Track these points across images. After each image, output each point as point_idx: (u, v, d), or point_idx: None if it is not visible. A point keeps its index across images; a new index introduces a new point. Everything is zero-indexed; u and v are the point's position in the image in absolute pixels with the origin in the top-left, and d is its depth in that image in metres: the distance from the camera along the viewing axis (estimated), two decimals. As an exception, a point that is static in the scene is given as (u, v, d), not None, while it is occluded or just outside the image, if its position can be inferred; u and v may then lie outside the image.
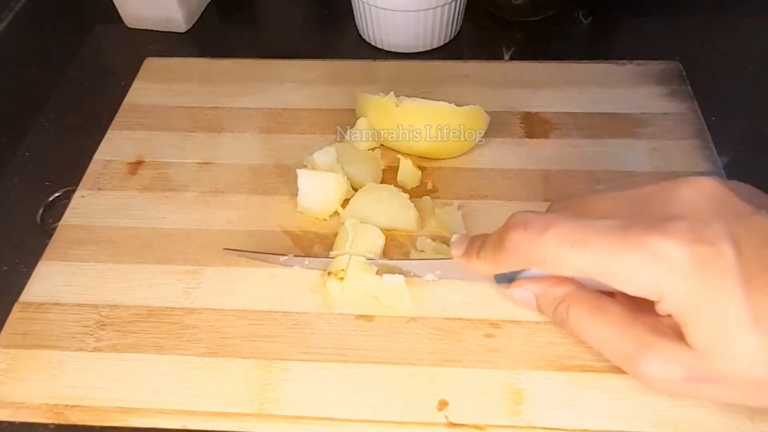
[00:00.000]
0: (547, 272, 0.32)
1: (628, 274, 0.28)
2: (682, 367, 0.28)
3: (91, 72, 0.57)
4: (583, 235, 0.29)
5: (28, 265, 0.41)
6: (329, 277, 0.38)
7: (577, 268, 0.29)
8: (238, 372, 0.35)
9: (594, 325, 0.31)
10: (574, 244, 0.29)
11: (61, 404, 0.35)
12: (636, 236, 0.28)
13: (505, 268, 0.33)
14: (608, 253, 0.28)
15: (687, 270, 0.27)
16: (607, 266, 0.28)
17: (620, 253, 0.28)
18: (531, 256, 0.30)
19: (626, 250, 0.28)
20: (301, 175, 0.42)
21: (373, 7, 0.53)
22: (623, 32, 0.59)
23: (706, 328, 0.27)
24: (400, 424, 0.33)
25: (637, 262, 0.28)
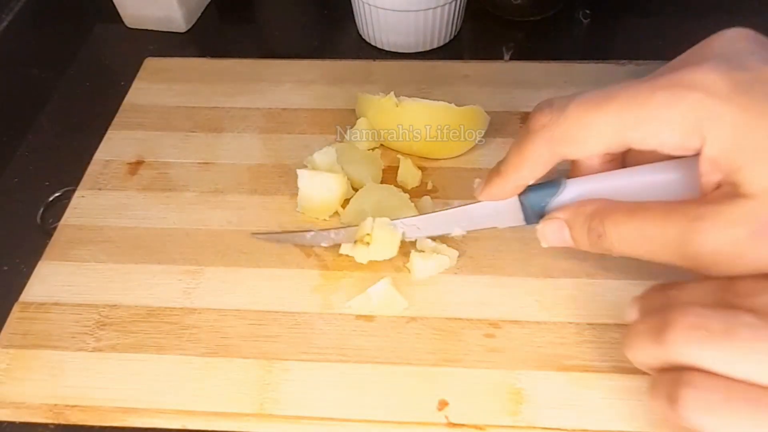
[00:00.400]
0: (575, 157, 0.30)
1: (660, 114, 0.25)
2: (743, 224, 0.25)
3: (91, 72, 0.57)
4: (608, 93, 0.27)
5: (28, 265, 0.41)
6: (356, 246, 0.38)
7: (606, 130, 0.27)
8: (238, 372, 0.35)
9: (634, 224, 0.28)
10: (599, 104, 0.27)
11: (61, 404, 0.35)
12: (665, 78, 0.26)
13: (532, 162, 0.30)
14: (636, 101, 0.26)
15: (728, 95, 0.24)
16: (635, 115, 0.26)
17: (650, 95, 0.26)
18: (557, 133, 0.28)
19: (657, 90, 0.26)
20: (301, 175, 0.42)
21: (373, 7, 0.53)
22: (623, 32, 0.59)
23: (761, 162, 0.24)
24: (400, 424, 0.33)
25: (669, 98, 0.25)
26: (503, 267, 0.39)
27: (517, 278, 0.39)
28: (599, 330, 0.36)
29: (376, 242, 0.38)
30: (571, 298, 0.38)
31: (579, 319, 0.37)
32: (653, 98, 0.26)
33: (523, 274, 0.39)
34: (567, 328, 0.37)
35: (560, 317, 0.37)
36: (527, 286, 0.38)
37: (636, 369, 0.35)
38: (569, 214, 0.31)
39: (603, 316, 0.37)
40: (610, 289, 0.38)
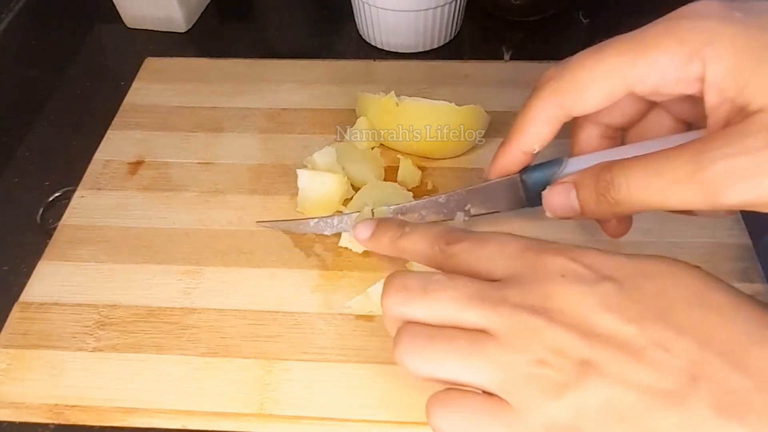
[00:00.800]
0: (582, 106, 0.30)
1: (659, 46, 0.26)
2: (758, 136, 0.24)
3: (91, 72, 0.57)
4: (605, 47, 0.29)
5: (28, 265, 0.41)
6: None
7: (607, 73, 0.28)
8: (238, 372, 0.35)
9: (645, 166, 0.28)
10: (600, 49, 0.29)
11: (61, 404, 0.35)
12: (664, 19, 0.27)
13: (538, 121, 0.32)
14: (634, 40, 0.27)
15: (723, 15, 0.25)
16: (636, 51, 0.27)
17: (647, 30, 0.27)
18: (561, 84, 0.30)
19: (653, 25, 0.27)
20: (301, 175, 0.42)
21: (373, 7, 0.53)
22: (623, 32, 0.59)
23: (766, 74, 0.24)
24: (400, 424, 0.33)
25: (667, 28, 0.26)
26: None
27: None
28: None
29: None
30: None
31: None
32: (650, 32, 0.27)
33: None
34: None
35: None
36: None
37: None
38: (576, 175, 0.32)
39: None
40: (610, 289, 0.38)
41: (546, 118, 0.31)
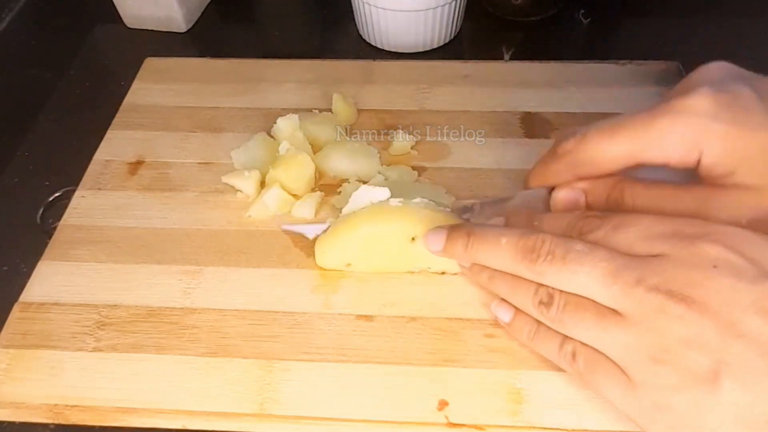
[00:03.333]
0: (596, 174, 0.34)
1: (663, 137, 0.30)
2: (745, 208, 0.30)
3: (91, 72, 0.57)
4: (618, 125, 0.32)
5: (28, 265, 0.41)
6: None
7: (620, 153, 0.31)
8: (238, 372, 0.35)
9: (652, 194, 0.32)
10: (612, 133, 0.32)
11: (61, 404, 0.35)
12: (663, 107, 0.30)
13: (555, 179, 0.35)
14: (642, 128, 0.30)
15: (715, 113, 0.29)
16: (643, 140, 0.30)
17: (651, 122, 0.30)
18: (578, 156, 0.33)
19: (656, 118, 0.30)
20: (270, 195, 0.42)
21: (373, 7, 0.53)
22: (623, 32, 0.59)
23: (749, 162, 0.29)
24: (400, 424, 0.33)
25: (669, 123, 0.30)
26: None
27: (517, 278, 0.39)
28: (599, 330, 0.36)
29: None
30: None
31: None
32: (655, 124, 0.30)
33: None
34: (567, 328, 0.37)
35: (560, 317, 0.37)
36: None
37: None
38: (589, 183, 0.34)
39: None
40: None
41: (563, 177, 0.35)
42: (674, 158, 0.30)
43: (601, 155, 0.32)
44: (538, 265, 0.30)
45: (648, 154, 0.31)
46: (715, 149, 0.29)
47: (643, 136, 0.30)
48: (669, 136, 0.30)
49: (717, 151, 0.29)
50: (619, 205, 0.33)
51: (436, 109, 0.49)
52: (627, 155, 0.31)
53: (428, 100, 0.50)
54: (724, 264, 0.26)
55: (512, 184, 0.44)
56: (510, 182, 0.44)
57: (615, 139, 0.32)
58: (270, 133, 0.46)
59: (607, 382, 0.29)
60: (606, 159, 0.32)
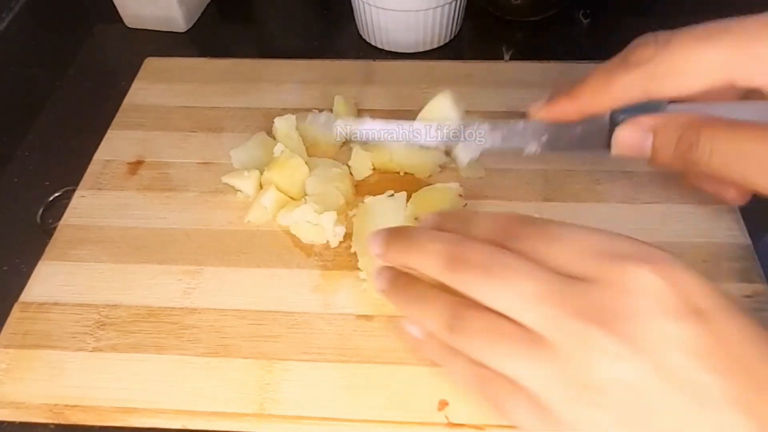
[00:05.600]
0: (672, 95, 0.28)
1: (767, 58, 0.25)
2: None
3: (91, 72, 0.57)
4: (711, 32, 0.26)
5: (28, 265, 0.41)
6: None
7: (710, 69, 0.26)
8: (238, 372, 0.35)
9: (736, 139, 0.26)
10: (709, 37, 0.26)
11: (61, 404, 0.35)
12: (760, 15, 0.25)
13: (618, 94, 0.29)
14: (742, 41, 0.25)
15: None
16: (743, 56, 0.25)
17: (755, 39, 0.25)
18: (656, 67, 0.27)
19: (760, 34, 0.25)
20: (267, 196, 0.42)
21: (373, 7, 0.53)
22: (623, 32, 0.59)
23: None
24: (400, 424, 0.33)
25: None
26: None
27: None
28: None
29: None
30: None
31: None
32: (765, 32, 0.25)
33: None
34: (567, 328, 0.36)
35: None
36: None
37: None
38: (658, 119, 0.29)
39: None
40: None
41: (630, 92, 0.29)
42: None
43: (690, 66, 0.27)
44: (462, 274, 0.27)
45: (750, 69, 0.26)
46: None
47: (749, 44, 0.25)
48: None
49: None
50: (692, 149, 0.27)
51: (436, 109, 0.49)
52: (722, 68, 0.26)
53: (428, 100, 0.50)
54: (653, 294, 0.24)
55: (512, 184, 0.44)
56: (509, 182, 0.44)
57: (711, 44, 0.26)
58: (270, 133, 0.46)
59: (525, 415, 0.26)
60: (695, 71, 0.27)
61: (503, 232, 0.28)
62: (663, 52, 0.28)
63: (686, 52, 0.27)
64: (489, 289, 0.26)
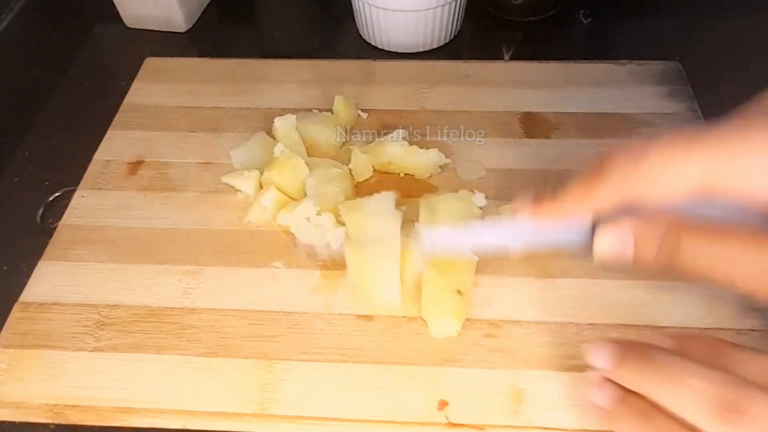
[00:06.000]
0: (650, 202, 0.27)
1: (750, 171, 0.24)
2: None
3: (91, 72, 0.57)
4: (690, 142, 0.25)
5: (28, 265, 0.41)
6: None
7: (689, 180, 0.25)
8: (238, 372, 0.35)
9: (716, 246, 0.26)
10: (682, 152, 0.25)
11: (61, 404, 0.35)
12: (752, 131, 0.24)
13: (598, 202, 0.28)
14: (724, 152, 0.24)
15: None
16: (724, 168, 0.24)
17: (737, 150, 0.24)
18: (634, 179, 0.26)
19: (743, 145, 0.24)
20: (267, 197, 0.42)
21: (373, 7, 0.53)
22: (623, 32, 0.59)
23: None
24: (400, 424, 0.33)
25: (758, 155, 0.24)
26: (503, 267, 0.39)
27: (517, 278, 0.39)
28: (599, 330, 0.36)
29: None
30: (571, 298, 0.38)
31: (579, 319, 0.37)
32: (748, 140, 0.24)
33: (523, 274, 0.39)
34: (567, 328, 0.37)
35: (560, 317, 0.37)
36: (527, 286, 0.38)
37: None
38: (638, 224, 0.28)
39: (603, 316, 0.37)
40: (610, 289, 0.38)
41: (609, 200, 0.28)
42: (758, 196, 0.24)
43: (666, 178, 0.25)
44: (740, 429, 0.23)
45: (730, 180, 0.24)
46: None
47: (730, 152, 0.24)
48: (758, 168, 0.24)
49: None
50: (674, 255, 0.27)
51: (436, 109, 0.49)
52: (701, 179, 0.25)
53: (428, 100, 0.50)
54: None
55: (512, 184, 0.44)
56: (509, 182, 0.44)
57: (690, 152, 0.25)
58: (270, 133, 0.46)
59: None
60: (672, 183, 0.26)
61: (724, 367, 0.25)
62: (639, 164, 0.27)
63: (662, 163, 0.26)
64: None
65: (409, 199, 0.43)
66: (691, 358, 0.26)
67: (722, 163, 0.25)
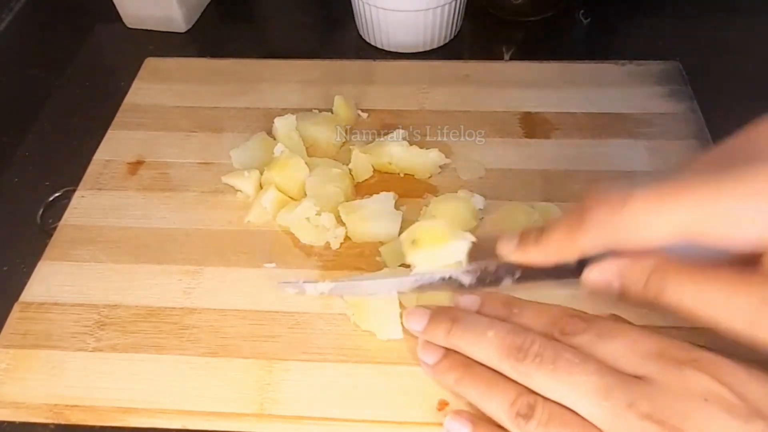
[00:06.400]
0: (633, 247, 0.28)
1: (732, 218, 0.25)
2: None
3: (91, 72, 0.57)
4: (670, 192, 0.26)
5: (28, 265, 0.41)
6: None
7: (670, 229, 0.26)
8: (238, 372, 0.35)
9: (700, 288, 0.27)
10: (662, 203, 0.26)
11: (61, 404, 0.35)
12: (732, 179, 0.25)
13: (580, 249, 0.30)
14: (707, 200, 0.25)
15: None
16: (708, 215, 0.25)
17: (721, 196, 0.25)
18: (615, 228, 0.28)
19: (727, 190, 0.25)
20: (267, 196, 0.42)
21: (373, 7, 0.53)
22: (623, 32, 0.59)
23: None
24: (400, 424, 0.33)
25: (743, 199, 0.25)
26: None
27: (517, 278, 0.39)
28: (599, 330, 0.36)
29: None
30: (570, 298, 0.38)
31: (579, 319, 0.37)
32: (721, 201, 0.25)
33: (523, 274, 0.39)
34: (567, 328, 0.36)
35: (560, 317, 0.37)
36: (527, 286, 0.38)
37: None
38: (625, 265, 0.29)
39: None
40: (610, 289, 0.38)
41: (590, 247, 0.30)
42: (747, 238, 0.25)
43: (650, 225, 0.27)
44: (525, 365, 0.29)
45: (710, 229, 0.25)
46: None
47: (705, 214, 0.25)
48: (738, 219, 0.25)
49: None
50: (660, 296, 0.28)
51: (436, 109, 0.49)
52: (682, 228, 0.26)
53: (428, 100, 0.50)
54: (715, 398, 0.25)
55: (512, 184, 0.44)
56: (509, 182, 0.44)
57: (673, 204, 0.26)
58: (270, 133, 0.46)
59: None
60: (655, 232, 0.27)
61: (555, 325, 0.30)
62: (621, 213, 0.27)
63: (643, 214, 0.27)
64: (554, 383, 0.28)
65: (409, 199, 0.43)
66: (488, 315, 0.32)
67: (702, 213, 0.26)
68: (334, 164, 0.44)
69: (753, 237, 0.25)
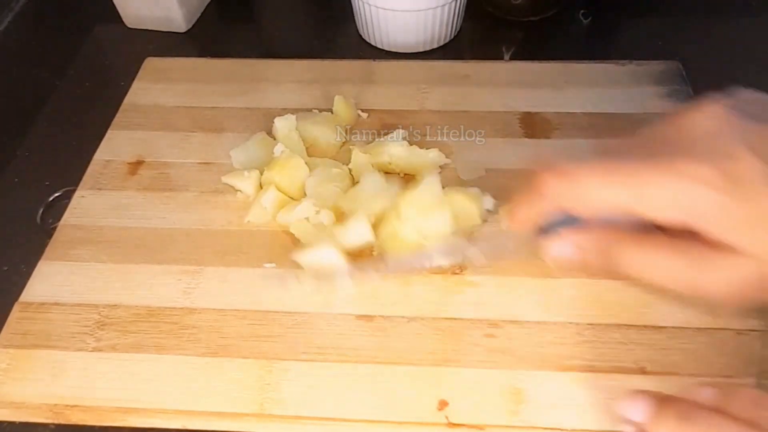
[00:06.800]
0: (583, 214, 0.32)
1: (664, 198, 0.28)
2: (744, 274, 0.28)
3: (91, 72, 0.57)
4: (612, 169, 0.30)
5: (28, 265, 0.41)
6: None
7: (611, 201, 0.30)
8: (238, 372, 0.35)
9: (643, 254, 0.31)
10: (605, 178, 0.30)
11: (61, 404, 0.35)
12: (665, 163, 0.28)
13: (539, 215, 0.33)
14: (641, 182, 0.29)
15: (721, 186, 0.27)
16: (642, 195, 0.29)
17: (653, 180, 0.29)
18: (563, 196, 0.31)
19: (658, 175, 0.28)
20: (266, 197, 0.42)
21: (373, 7, 0.53)
22: (623, 32, 0.59)
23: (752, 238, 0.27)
24: (400, 424, 0.33)
25: (672, 184, 0.28)
26: (503, 267, 0.39)
27: (518, 278, 0.39)
28: (599, 330, 0.36)
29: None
30: (571, 298, 0.38)
31: (579, 319, 0.37)
32: (656, 182, 0.29)
33: (523, 274, 0.39)
34: (567, 328, 0.37)
35: (560, 317, 0.37)
36: (527, 286, 0.38)
37: (637, 369, 0.35)
38: (579, 237, 0.33)
39: (603, 316, 0.37)
40: (610, 289, 0.38)
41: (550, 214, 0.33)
42: (665, 219, 0.29)
43: (591, 198, 0.30)
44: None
45: (639, 209, 0.29)
46: (717, 223, 0.28)
47: (642, 193, 0.29)
48: (670, 199, 0.28)
49: (713, 221, 0.28)
50: (613, 263, 0.32)
51: (436, 109, 0.49)
52: (618, 203, 0.30)
53: (428, 100, 0.50)
54: None
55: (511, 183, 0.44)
56: (509, 182, 0.44)
57: (608, 187, 0.30)
58: (270, 133, 0.46)
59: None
60: (597, 203, 0.30)
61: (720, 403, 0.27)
62: (564, 187, 0.31)
63: (589, 188, 0.30)
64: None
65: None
66: (732, 415, 0.26)
67: (636, 193, 0.29)
68: (334, 164, 0.44)
69: (677, 216, 0.29)
